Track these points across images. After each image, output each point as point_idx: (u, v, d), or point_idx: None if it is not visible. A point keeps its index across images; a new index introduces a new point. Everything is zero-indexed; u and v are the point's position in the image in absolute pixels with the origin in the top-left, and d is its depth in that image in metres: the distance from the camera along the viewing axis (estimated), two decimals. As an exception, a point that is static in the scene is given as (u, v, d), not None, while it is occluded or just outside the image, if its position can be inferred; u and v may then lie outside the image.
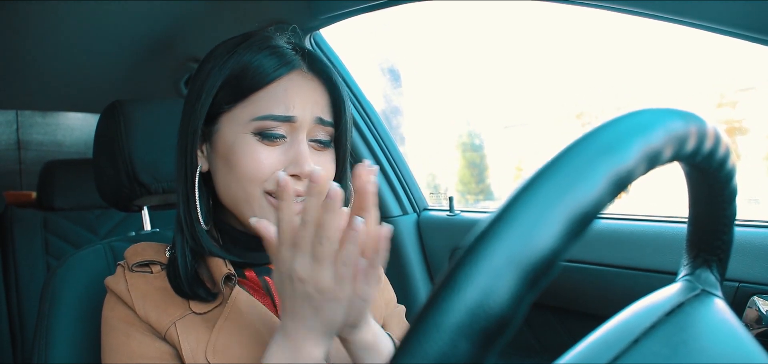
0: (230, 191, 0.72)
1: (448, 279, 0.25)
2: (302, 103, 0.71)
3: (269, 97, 0.70)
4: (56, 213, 2.03)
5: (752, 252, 0.95)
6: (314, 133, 0.74)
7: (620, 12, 0.89)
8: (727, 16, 0.78)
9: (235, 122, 0.71)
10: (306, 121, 0.71)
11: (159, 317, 0.70)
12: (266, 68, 0.70)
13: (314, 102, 0.73)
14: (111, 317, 0.72)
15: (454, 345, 0.24)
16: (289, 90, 0.71)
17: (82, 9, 1.43)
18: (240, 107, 0.71)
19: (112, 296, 0.74)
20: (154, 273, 0.75)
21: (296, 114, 0.70)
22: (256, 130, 0.70)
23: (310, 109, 0.72)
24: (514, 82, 2.46)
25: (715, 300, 0.44)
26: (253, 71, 0.70)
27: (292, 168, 0.70)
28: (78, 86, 2.09)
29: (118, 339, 0.70)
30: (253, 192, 0.70)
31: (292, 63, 0.72)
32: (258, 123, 0.70)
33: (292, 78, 0.72)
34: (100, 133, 1.04)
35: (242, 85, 0.70)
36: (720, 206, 0.44)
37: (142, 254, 0.76)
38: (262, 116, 0.69)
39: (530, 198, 0.26)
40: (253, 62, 0.70)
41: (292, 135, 0.71)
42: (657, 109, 0.33)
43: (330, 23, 1.41)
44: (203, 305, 0.72)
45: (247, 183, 0.70)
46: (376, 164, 1.62)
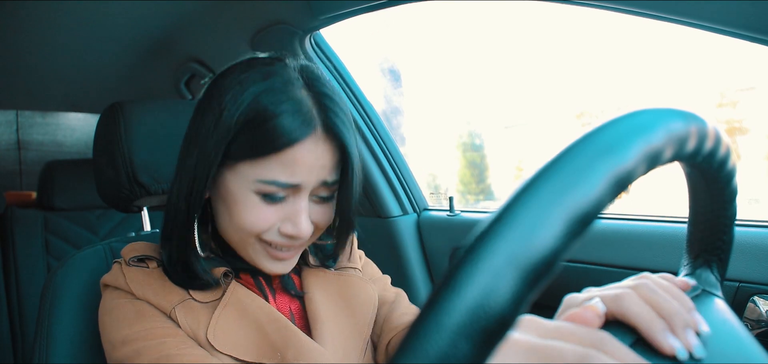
0: (227, 231, 0.74)
1: (449, 279, 0.25)
2: (309, 168, 0.69)
3: (279, 162, 0.67)
4: (56, 213, 2.03)
5: (752, 252, 0.95)
6: (317, 192, 0.73)
7: (620, 12, 0.89)
8: (727, 16, 0.78)
9: (240, 176, 0.69)
10: (310, 185, 0.70)
11: (158, 302, 0.71)
12: (283, 132, 0.66)
13: (321, 166, 0.70)
14: (110, 303, 0.73)
15: (454, 345, 0.24)
16: (298, 160, 0.68)
17: (82, 9, 1.43)
18: (248, 164, 0.68)
19: (109, 289, 0.75)
20: (151, 268, 0.76)
21: (302, 181, 0.69)
22: (260, 192, 0.69)
23: (317, 174, 0.70)
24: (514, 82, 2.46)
25: (715, 300, 0.44)
26: (269, 132, 0.66)
27: (290, 229, 0.71)
28: (78, 87, 2.09)
29: (125, 309, 0.70)
30: (247, 240, 0.72)
31: (309, 126, 0.67)
32: (263, 186, 0.68)
33: (305, 144, 0.68)
34: (100, 134, 1.04)
35: (255, 142, 0.67)
36: (720, 206, 0.44)
37: (139, 250, 0.78)
38: (268, 181, 0.68)
39: (530, 198, 0.26)
40: (270, 121, 0.66)
41: (294, 197, 0.71)
42: (657, 109, 0.33)
43: (330, 23, 1.41)
44: (203, 294, 0.74)
45: (243, 233, 0.71)
46: (377, 165, 1.63)
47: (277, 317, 0.74)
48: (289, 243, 0.72)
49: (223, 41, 1.60)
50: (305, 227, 0.71)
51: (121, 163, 0.99)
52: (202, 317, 0.71)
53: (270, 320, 0.73)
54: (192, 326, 0.70)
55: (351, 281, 0.86)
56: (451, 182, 2.69)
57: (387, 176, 1.63)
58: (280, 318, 0.74)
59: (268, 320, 0.73)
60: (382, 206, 1.63)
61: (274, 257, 0.74)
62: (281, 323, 0.73)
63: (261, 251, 0.73)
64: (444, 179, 2.70)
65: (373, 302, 0.86)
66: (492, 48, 2.40)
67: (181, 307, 0.71)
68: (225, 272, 0.76)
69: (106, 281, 0.75)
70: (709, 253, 0.47)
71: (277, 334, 0.72)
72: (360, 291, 0.85)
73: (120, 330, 0.69)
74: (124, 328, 0.69)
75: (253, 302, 0.75)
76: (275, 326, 0.73)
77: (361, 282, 0.87)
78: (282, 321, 0.74)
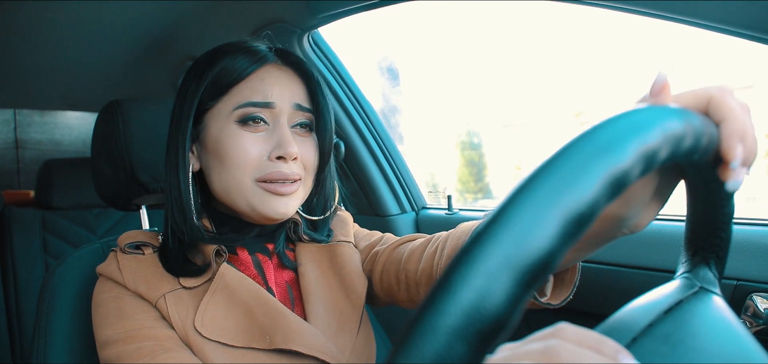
0: (223, 183, 0.76)
1: (444, 281, 0.25)
2: (279, 91, 0.77)
3: (248, 88, 0.76)
4: (55, 212, 2.02)
5: (750, 250, 0.96)
6: (294, 119, 0.79)
7: (620, 11, 0.89)
8: (726, 15, 0.78)
9: (219, 116, 0.76)
10: (285, 107, 0.77)
11: (148, 290, 0.73)
12: (242, 64, 0.77)
13: (291, 90, 0.78)
14: (100, 296, 0.74)
15: (449, 347, 0.24)
16: (266, 80, 0.77)
17: (80, 8, 1.43)
18: (222, 102, 0.77)
19: (102, 279, 0.76)
20: (146, 255, 0.78)
21: (274, 100, 0.76)
22: (239, 118, 0.75)
23: (288, 97, 0.77)
24: (513, 81, 2.46)
25: (713, 298, 0.44)
26: (230, 69, 0.76)
27: (277, 151, 0.75)
28: (76, 85, 2.08)
29: (109, 306, 0.72)
30: (243, 180, 0.75)
31: (265, 57, 0.79)
32: (239, 111, 0.75)
33: (268, 69, 0.78)
34: (99, 133, 1.03)
35: (222, 82, 0.76)
36: (718, 204, 0.44)
37: (135, 237, 0.80)
38: (242, 104, 0.75)
39: (525, 200, 0.26)
40: (230, 62, 0.77)
41: (273, 122, 0.77)
42: (653, 108, 0.33)
43: (328, 22, 1.41)
44: (192, 280, 0.76)
45: (236, 172, 0.74)
46: (375, 163, 1.63)
47: (265, 299, 0.75)
48: (283, 173, 0.75)
49: (221, 40, 1.60)
50: (291, 146, 0.74)
51: (119, 161, 0.98)
52: (190, 305, 0.73)
53: (259, 303, 0.75)
54: (181, 315, 0.72)
55: (342, 251, 0.88)
56: (450, 180, 2.69)
57: (385, 175, 1.63)
58: (269, 300, 0.76)
59: (256, 303, 0.75)
60: (380, 205, 1.63)
61: (274, 192, 0.75)
62: (270, 305, 0.75)
63: (260, 192, 0.75)
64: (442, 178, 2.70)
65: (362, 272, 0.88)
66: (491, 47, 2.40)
67: (170, 296, 0.73)
68: (217, 251, 0.77)
69: (100, 270, 0.77)
70: (707, 251, 0.47)
71: (266, 317, 0.74)
72: (351, 260, 0.87)
73: (103, 330, 0.71)
74: (107, 328, 0.71)
75: (240, 285, 0.76)
76: (264, 309, 0.74)
77: (353, 252, 0.90)
78: (271, 303, 0.75)
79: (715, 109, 0.39)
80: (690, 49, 1.52)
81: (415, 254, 0.82)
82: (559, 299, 0.67)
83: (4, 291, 1.87)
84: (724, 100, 0.39)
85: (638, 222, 0.51)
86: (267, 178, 0.75)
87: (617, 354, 0.33)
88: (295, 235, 0.87)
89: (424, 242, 0.83)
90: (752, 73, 1.62)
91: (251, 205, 0.76)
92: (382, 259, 0.87)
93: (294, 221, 0.86)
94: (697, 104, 0.40)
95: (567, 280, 0.67)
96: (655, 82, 0.41)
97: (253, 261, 0.82)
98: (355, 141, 1.60)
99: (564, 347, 0.34)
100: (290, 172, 0.75)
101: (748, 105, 0.41)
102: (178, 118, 0.78)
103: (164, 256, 0.77)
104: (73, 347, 0.85)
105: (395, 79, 2.59)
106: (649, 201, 0.49)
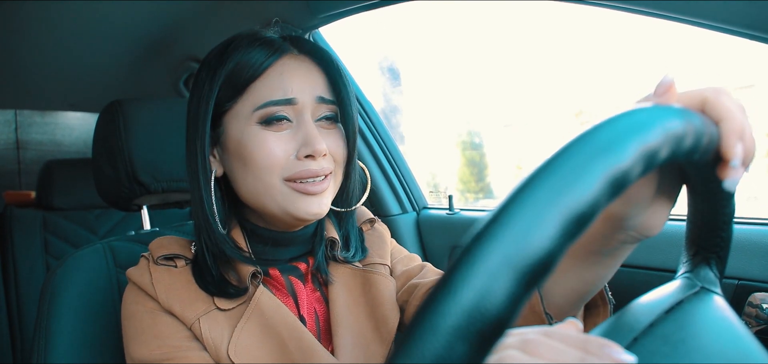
0: (249, 186, 0.72)
1: (445, 281, 0.25)
2: (300, 84, 0.72)
3: (266, 85, 0.71)
4: (55, 213, 2.02)
5: (751, 249, 0.95)
6: (318, 112, 0.74)
7: (620, 10, 0.89)
8: (726, 15, 0.78)
9: (239, 117, 0.72)
10: (307, 102, 0.72)
11: (183, 310, 0.70)
12: (258, 59, 0.71)
13: (312, 82, 0.73)
14: (133, 307, 0.71)
15: (450, 347, 0.24)
16: (284, 74, 0.71)
17: (81, 8, 1.43)
18: (241, 102, 0.72)
19: (133, 287, 0.73)
20: (179, 268, 0.74)
21: (296, 95, 0.71)
22: (260, 119, 0.70)
23: (310, 90, 0.72)
24: (513, 81, 2.46)
25: (714, 297, 0.44)
26: (245, 65, 0.71)
27: (304, 150, 0.70)
28: (77, 86, 2.08)
29: (143, 322, 0.70)
30: (271, 182, 0.70)
31: (281, 49, 0.73)
32: (260, 112, 0.70)
33: (285, 62, 0.73)
34: (100, 133, 1.03)
35: (238, 80, 0.71)
36: (719, 204, 0.44)
37: (168, 247, 0.76)
38: (263, 104, 0.70)
39: (526, 199, 0.26)
40: (244, 58, 0.71)
41: (297, 118, 0.72)
42: (653, 108, 0.33)
43: (329, 22, 1.41)
44: (228, 301, 0.72)
45: (263, 174, 0.70)
46: (376, 163, 1.63)
47: (300, 333, 0.72)
48: (312, 170, 0.70)
49: (222, 39, 1.60)
50: (320, 142, 0.70)
51: (120, 161, 0.99)
52: (225, 329, 0.70)
53: (292, 337, 0.72)
54: (215, 339, 0.69)
55: (377, 281, 0.83)
56: (451, 180, 2.69)
57: (386, 175, 1.63)
58: (304, 335, 0.72)
59: (290, 336, 0.72)
60: (381, 205, 1.63)
61: (304, 192, 0.71)
62: (305, 341, 0.72)
63: (290, 193, 0.71)
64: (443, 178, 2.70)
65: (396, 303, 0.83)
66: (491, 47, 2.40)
67: (205, 318, 0.70)
68: (253, 273, 0.74)
69: (132, 276, 0.74)
70: (708, 250, 0.47)
71: (299, 352, 0.71)
72: (385, 290, 0.82)
73: (137, 348, 0.69)
74: (141, 346, 0.69)
75: (276, 313, 0.73)
76: (298, 344, 0.71)
77: (387, 281, 0.84)
78: (306, 339, 0.72)
79: (712, 110, 0.39)
80: (690, 49, 1.52)
81: None
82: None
83: (5, 292, 1.87)
84: (719, 100, 0.39)
85: (644, 223, 0.50)
86: (296, 178, 0.71)
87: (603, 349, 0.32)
88: (331, 254, 0.82)
89: None
90: (753, 73, 1.62)
91: (282, 207, 0.71)
92: (418, 294, 0.81)
93: (331, 240, 0.82)
94: (693, 106, 0.40)
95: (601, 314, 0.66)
96: (660, 82, 0.41)
97: (286, 284, 0.78)
98: (356, 141, 1.60)
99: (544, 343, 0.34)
100: (320, 169, 0.71)
101: (743, 104, 0.41)
102: (195, 122, 0.73)
103: (198, 271, 0.73)
104: (74, 347, 0.85)
105: (396, 79, 2.59)
106: (651, 201, 0.49)
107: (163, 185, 1.02)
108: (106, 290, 0.91)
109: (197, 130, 0.72)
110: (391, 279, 0.85)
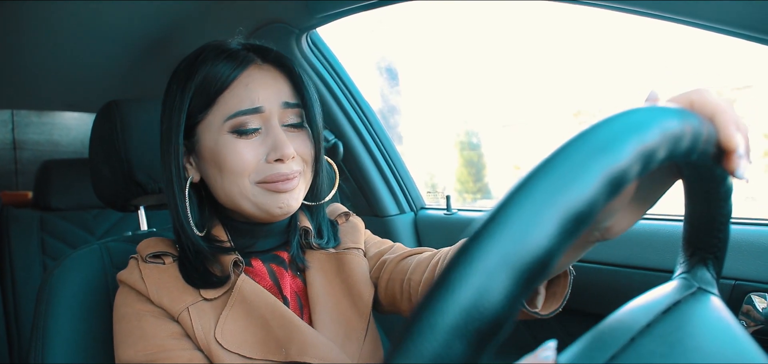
0: (226, 190, 0.77)
1: (443, 280, 0.25)
2: (266, 93, 0.77)
3: (234, 96, 0.76)
4: (53, 213, 2.02)
5: (749, 250, 0.96)
6: (285, 118, 0.79)
7: (618, 11, 0.89)
8: (724, 15, 0.78)
9: (211, 128, 0.77)
10: (274, 109, 0.77)
11: (172, 302, 0.74)
12: (224, 71, 0.76)
13: (277, 89, 0.78)
14: (123, 308, 0.75)
15: (448, 346, 0.24)
16: (250, 84, 0.76)
17: (78, 8, 1.43)
18: (211, 113, 0.77)
19: (124, 287, 0.77)
20: (167, 264, 0.79)
21: (262, 104, 0.76)
22: (231, 129, 0.75)
23: (275, 97, 0.78)
24: (511, 81, 2.46)
25: (711, 298, 0.44)
26: (213, 78, 0.76)
27: (273, 154, 0.75)
28: (74, 86, 2.08)
29: (131, 324, 0.73)
30: (244, 185, 0.76)
31: (246, 60, 0.78)
32: (231, 122, 0.75)
33: (250, 73, 0.78)
34: (96, 133, 1.03)
35: (207, 92, 0.76)
36: (716, 204, 0.44)
37: (155, 246, 0.80)
38: (232, 115, 0.75)
39: (524, 198, 0.26)
40: (211, 70, 0.76)
41: (265, 125, 0.77)
42: (651, 108, 0.33)
43: (326, 22, 1.41)
44: (213, 291, 0.77)
45: (237, 178, 0.75)
46: (373, 164, 1.63)
47: (281, 312, 0.77)
48: (281, 173, 0.76)
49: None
50: (287, 146, 0.75)
51: (117, 162, 0.98)
52: (211, 316, 0.75)
53: (274, 316, 0.76)
54: (204, 327, 0.73)
55: (350, 259, 0.88)
56: (449, 180, 2.69)
57: (384, 175, 1.63)
58: (285, 313, 0.77)
59: (272, 315, 0.76)
60: (379, 205, 1.63)
61: (275, 190, 0.76)
62: (286, 318, 0.76)
63: (262, 193, 0.76)
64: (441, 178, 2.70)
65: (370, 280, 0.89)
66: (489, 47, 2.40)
67: (193, 308, 0.74)
68: (235, 261, 0.79)
69: (122, 278, 0.78)
70: (705, 251, 0.47)
71: (282, 329, 0.75)
72: (358, 268, 0.88)
73: (125, 350, 0.72)
74: (128, 347, 0.72)
75: (258, 297, 0.77)
76: (280, 321, 0.76)
77: (362, 260, 0.90)
78: (287, 316, 0.77)
79: (702, 108, 0.39)
80: (687, 50, 1.52)
81: (421, 265, 0.83)
82: (549, 310, 0.66)
83: (2, 292, 1.87)
84: (706, 98, 0.39)
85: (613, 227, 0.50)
86: (267, 181, 0.76)
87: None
88: (306, 242, 0.88)
89: (431, 254, 0.84)
90: (750, 74, 1.63)
91: (256, 204, 0.77)
92: (389, 268, 0.87)
93: (305, 229, 0.87)
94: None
95: (558, 292, 0.67)
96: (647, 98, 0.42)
97: (268, 271, 0.83)
98: (353, 141, 1.59)
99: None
100: (289, 172, 0.77)
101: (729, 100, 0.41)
102: (168, 132, 0.78)
103: (184, 266, 0.78)
104: (70, 348, 0.85)
105: (394, 80, 2.59)
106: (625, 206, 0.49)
107: (160, 186, 1.02)
108: (103, 291, 0.91)
109: (170, 141, 0.77)
110: (364, 259, 0.91)
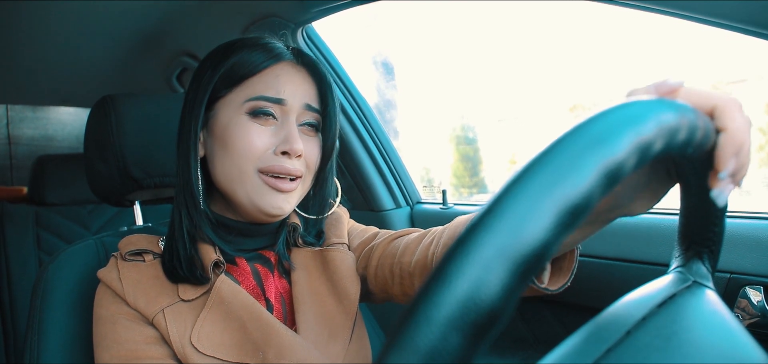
0: (225, 170, 0.77)
1: (439, 271, 0.25)
2: (292, 89, 0.78)
3: (261, 82, 0.77)
4: (48, 208, 2.01)
5: (744, 243, 0.96)
6: (303, 118, 0.80)
7: (614, 4, 0.89)
8: (721, 10, 0.78)
9: (231, 105, 0.77)
10: (295, 106, 0.78)
11: (148, 304, 0.73)
12: (258, 59, 0.77)
13: (303, 90, 0.79)
14: (99, 308, 0.75)
15: (445, 338, 0.24)
16: (280, 77, 0.78)
17: (73, 3, 1.42)
18: (235, 92, 0.77)
19: (102, 287, 0.76)
20: (147, 262, 0.78)
21: (286, 97, 0.77)
22: (249, 111, 0.76)
23: (300, 96, 0.78)
24: (507, 76, 2.46)
25: (706, 291, 0.44)
26: (245, 62, 0.77)
27: (283, 146, 0.75)
28: (69, 81, 2.07)
29: (105, 328, 0.73)
30: (246, 169, 0.75)
31: (281, 54, 0.79)
32: (251, 104, 0.76)
33: (283, 67, 0.79)
34: (91, 128, 1.03)
35: (237, 73, 0.77)
36: (711, 199, 0.44)
37: (136, 243, 0.80)
38: (254, 97, 0.76)
39: (520, 191, 0.26)
40: (246, 56, 0.77)
41: (282, 118, 0.77)
42: (648, 101, 0.33)
43: (322, 16, 1.40)
44: (191, 291, 0.76)
45: (240, 160, 0.75)
46: (369, 158, 1.63)
47: (259, 314, 0.76)
48: (285, 167, 0.75)
49: (215, 35, 1.59)
50: (298, 142, 0.75)
51: (112, 157, 0.98)
52: (188, 319, 0.74)
53: (252, 318, 0.75)
54: (179, 329, 0.72)
55: (334, 255, 0.87)
56: (445, 175, 2.70)
57: (380, 170, 1.63)
58: (262, 315, 0.76)
59: (250, 318, 0.75)
60: (375, 200, 1.63)
61: (274, 186, 0.76)
62: (263, 320, 0.75)
63: (260, 185, 0.75)
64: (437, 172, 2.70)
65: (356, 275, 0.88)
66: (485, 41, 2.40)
67: (169, 310, 0.73)
68: (215, 262, 0.77)
69: (101, 276, 0.77)
70: (701, 244, 0.47)
71: (259, 332, 0.74)
72: (343, 264, 0.87)
73: (101, 353, 0.72)
74: (104, 351, 0.72)
75: (236, 299, 0.76)
76: (257, 324, 0.75)
77: (346, 255, 0.89)
78: (264, 318, 0.75)
79: (719, 118, 0.39)
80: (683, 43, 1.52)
81: (411, 246, 0.82)
82: (557, 286, 0.67)
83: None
84: (729, 112, 0.39)
85: (635, 205, 0.52)
86: (269, 171, 0.75)
87: None
88: (293, 240, 0.87)
89: (420, 235, 0.83)
90: (746, 68, 1.63)
91: (250, 197, 0.76)
92: (377, 253, 0.86)
93: (294, 226, 0.86)
94: (702, 107, 0.40)
95: (565, 267, 0.67)
96: (665, 82, 0.41)
97: (252, 271, 0.82)
98: (349, 136, 1.59)
99: None
100: (293, 168, 0.76)
101: (750, 120, 0.41)
102: (191, 104, 0.78)
103: (168, 258, 0.77)
104: (66, 344, 0.85)
105: (390, 74, 2.59)
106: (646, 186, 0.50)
107: (156, 181, 1.02)
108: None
109: (192, 111, 0.78)
110: (350, 253, 0.90)
